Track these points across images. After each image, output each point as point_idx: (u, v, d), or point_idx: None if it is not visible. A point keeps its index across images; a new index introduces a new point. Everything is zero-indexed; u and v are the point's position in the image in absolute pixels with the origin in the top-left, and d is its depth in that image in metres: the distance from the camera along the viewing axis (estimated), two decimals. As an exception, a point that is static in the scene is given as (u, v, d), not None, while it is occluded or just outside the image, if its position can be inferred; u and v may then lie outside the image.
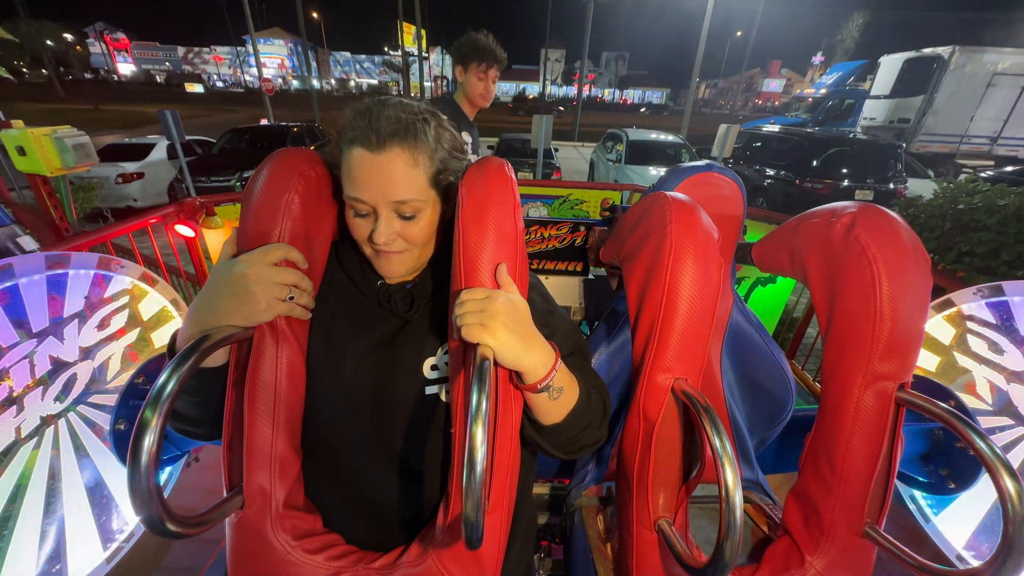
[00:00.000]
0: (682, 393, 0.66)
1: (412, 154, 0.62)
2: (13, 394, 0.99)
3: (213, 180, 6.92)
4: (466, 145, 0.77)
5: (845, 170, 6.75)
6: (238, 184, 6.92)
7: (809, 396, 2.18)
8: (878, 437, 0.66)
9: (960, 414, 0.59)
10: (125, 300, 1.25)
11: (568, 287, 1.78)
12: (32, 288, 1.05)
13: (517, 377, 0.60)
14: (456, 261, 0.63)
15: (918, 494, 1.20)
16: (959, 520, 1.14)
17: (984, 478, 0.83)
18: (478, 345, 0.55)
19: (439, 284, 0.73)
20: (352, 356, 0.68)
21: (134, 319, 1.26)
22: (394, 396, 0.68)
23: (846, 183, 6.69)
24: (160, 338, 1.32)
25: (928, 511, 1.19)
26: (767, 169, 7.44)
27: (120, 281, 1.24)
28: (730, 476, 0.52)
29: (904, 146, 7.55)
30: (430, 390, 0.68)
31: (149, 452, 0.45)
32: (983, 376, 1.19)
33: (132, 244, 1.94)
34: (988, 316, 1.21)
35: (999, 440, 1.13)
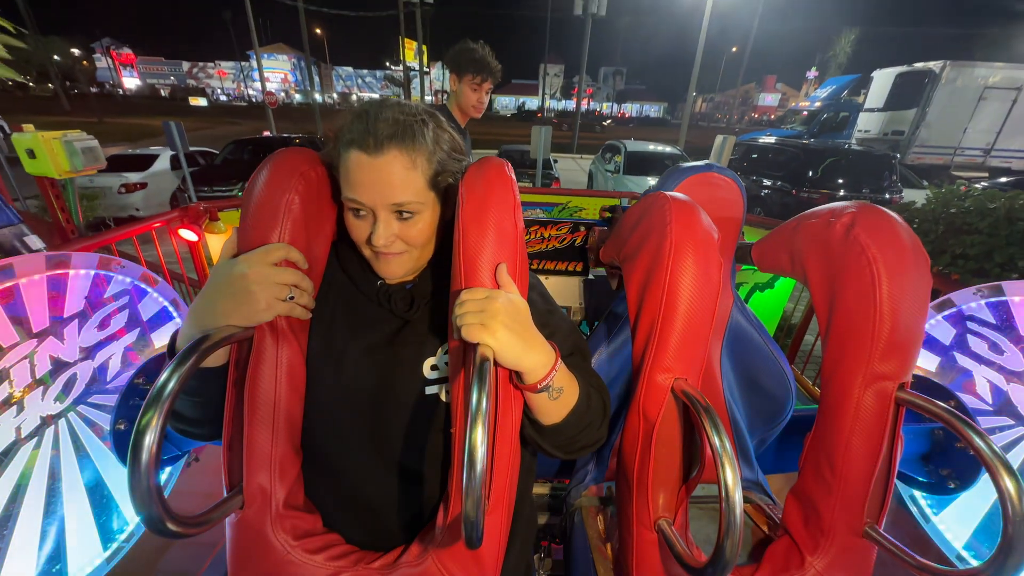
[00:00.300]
0: (682, 393, 0.66)
1: (410, 156, 0.62)
2: (13, 394, 0.99)
3: (215, 190, 7.01)
4: (468, 159, 0.77)
5: (841, 180, 6.84)
6: (240, 194, 6.99)
7: (809, 401, 2.18)
8: (878, 437, 0.65)
9: (960, 414, 0.59)
10: (125, 300, 1.25)
11: (568, 287, 1.78)
12: (32, 288, 1.05)
13: (517, 377, 0.60)
14: (456, 261, 0.62)
15: (918, 494, 1.20)
16: (959, 520, 1.14)
17: (984, 478, 0.84)
18: (478, 345, 0.55)
19: (439, 284, 0.73)
20: (352, 356, 0.68)
21: (134, 319, 1.26)
22: (394, 396, 0.68)
23: (842, 193, 6.78)
24: (160, 338, 1.32)
25: (928, 511, 1.19)
26: (764, 179, 7.53)
27: (120, 281, 1.24)
28: (730, 476, 0.52)
29: (898, 156, 7.66)
30: (430, 390, 0.68)
31: (149, 452, 0.45)
32: (983, 376, 1.19)
33: (137, 249, 1.95)
34: (988, 316, 1.21)
35: (999, 440, 1.13)
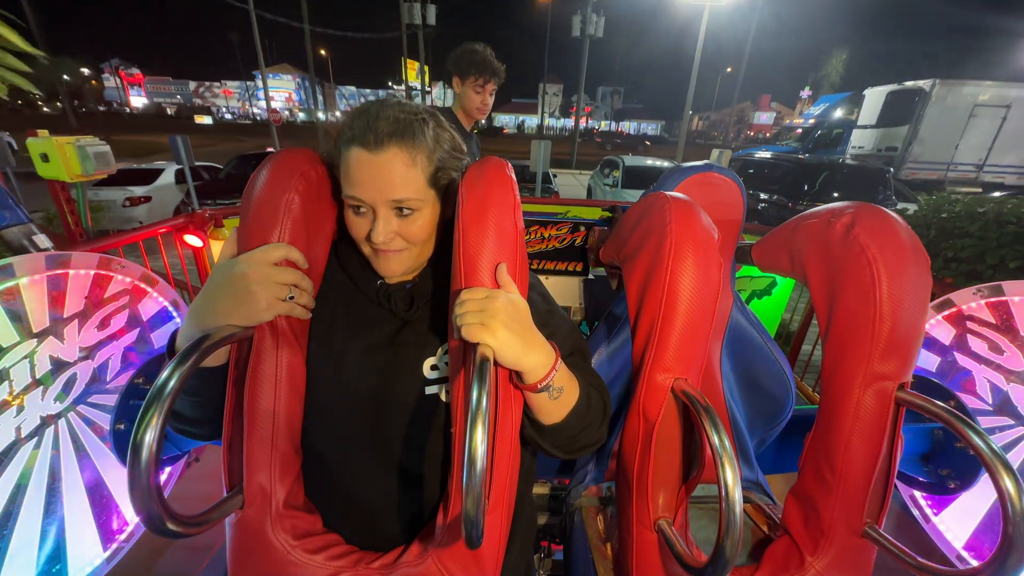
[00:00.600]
0: (682, 393, 0.66)
1: (410, 154, 0.62)
2: (13, 394, 0.99)
3: (219, 203, 7.14)
4: (468, 158, 0.76)
5: (836, 194, 6.93)
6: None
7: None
8: (878, 437, 0.65)
9: (960, 414, 0.59)
10: (125, 300, 1.25)
11: (568, 287, 1.78)
12: (33, 288, 1.05)
13: (517, 377, 0.60)
14: (456, 261, 0.63)
15: (918, 494, 1.20)
16: (959, 520, 1.14)
17: (984, 478, 0.84)
18: (478, 345, 0.55)
19: (439, 284, 0.73)
20: (352, 356, 0.68)
21: (134, 319, 1.26)
22: (394, 396, 0.68)
23: (838, 206, 6.95)
24: (160, 338, 1.32)
25: (928, 511, 1.19)
26: (760, 193, 7.61)
27: (120, 281, 1.24)
28: (730, 475, 0.52)
29: (892, 171, 7.77)
30: (430, 390, 0.68)
31: (149, 451, 0.45)
32: (983, 376, 1.19)
33: (143, 255, 1.96)
34: (988, 316, 1.21)
35: (999, 440, 1.12)
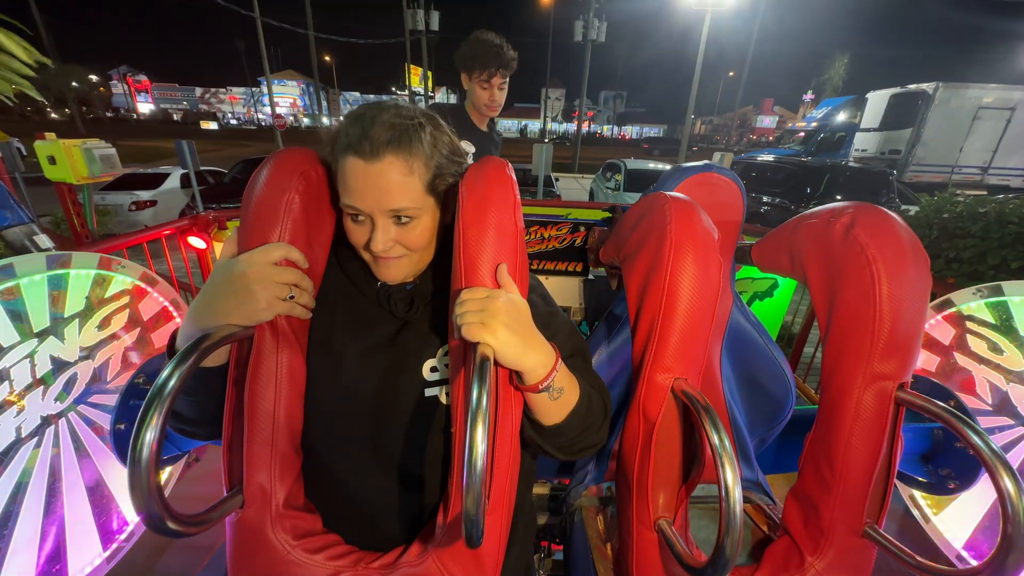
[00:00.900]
0: (682, 393, 0.66)
1: (407, 162, 0.61)
2: (14, 393, 0.99)
3: (224, 207, 7.22)
4: (467, 155, 0.75)
5: (839, 196, 6.94)
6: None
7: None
8: (878, 437, 0.65)
9: (959, 414, 0.59)
10: (125, 300, 1.25)
11: (568, 287, 1.78)
12: (33, 287, 1.05)
13: (518, 378, 0.60)
14: (456, 261, 0.62)
15: (918, 494, 1.20)
16: (959, 520, 1.14)
17: (984, 478, 0.83)
18: (478, 344, 0.55)
19: (439, 285, 0.72)
20: (352, 357, 0.68)
21: (134, 319, 1.26)
22: (394, 398, 0.68)
23: (841, 209, 6.98)
24: (160, 338, 1.32)
25: (928, 511, 1.19)
26: (763, 196, 7.62)
27: (120, 281, 1.24)
28: (730, 475, 0.52)
29: (895, 174, 7.76)
30: (430, 392, 0.68)
31: (150, 451, 0.45)
32: (983, 376, 1.19)
33: (148, 257, 1.96)
34: (988, 316, 1.21)
35: (999, 440, 1.13)
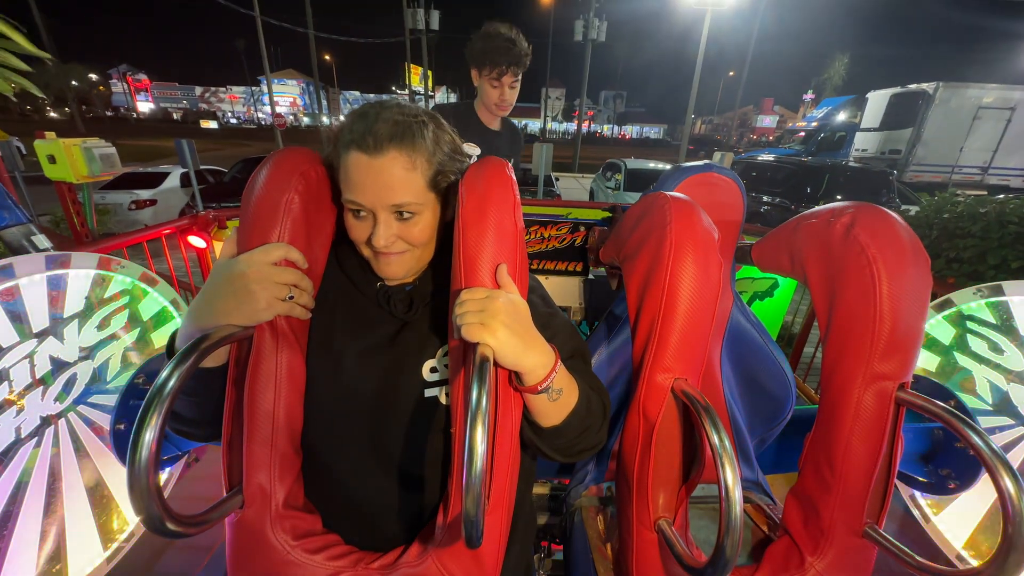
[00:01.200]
0: (682, 393, 0.66)
1: (409, 157, 0.62)
2: (14, 393, 0.99)
3: (224, 206, 7.25)
4: (470, 158, 0.74)
5: (839, 196, 6.94)
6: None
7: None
8: (878, 437, 0.65)
9: (960, 414, 0.59)
10: (125, 300, 1.25)
11: (568, 287, 1.78)
12: (33, 288, 1.05)
13: (517, 378, 0.60)
14: (456, 261, 0.62)
15: (918, 494, 1.20)
16: (959, 520, 1.14)
17: (984, 478, 0.83)
18: (478, 344, 0.55)
19: (439, 286, 0.73)
20: (351, 357, 0.68)
21: (134, 319, 1.26)
22: (393, 399, 0.68)
23: (842, 209, 7.00)
24: (160, 338, 1.32)
25: (928, 511, 1.19)
26: (763, 196, 7.62)
27: (120, 281, 1.24)
28: (730, 475, 0.52)
29: (895, 174, 7.76)
30: (429, 392, 0.68)
31: (149, 451, 0.45)
32: (983, 376, 1.19)
33: (148, 256, 1.97)
34: (988, 316, 1.21)
35: (999, 440, 1.13)
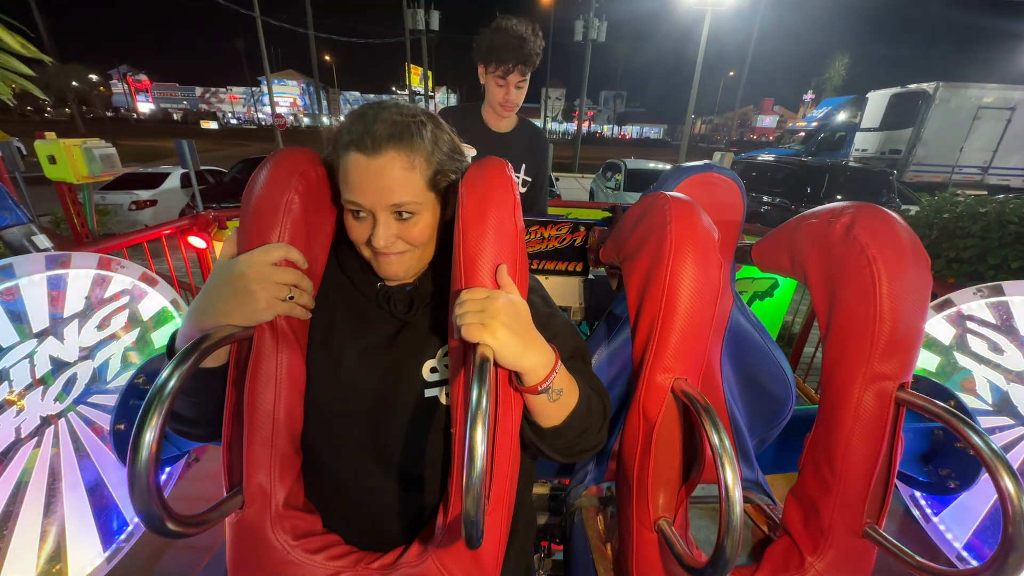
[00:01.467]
0: (682, 393, 0.66)
1: (408, 157, 0.62)
2: (14, 393, 0.99)
3: (224, 207, 7.27)
4: (468, 160, 0.73)
5: (839, 196, 6.95)
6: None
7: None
8: (878, 437, 0.65)
9: (960, 414, 0.59)
10: (125, 300, 1.25)
11: (568, 287, 1.78)
12: (33, 288, 1.05)
13: (517, 379, 0.60)
14: (456, 261, 0.62)
15: (918, 494, 1.20)
16: (959, 520, 1.14)
17: (984, 478, 0.84)
18: (478, 345, 0.55)
19: (439, 286, 0.73)
20: (352, 357, 0.68)
21: (134, 319, 1.26)
22: (394, 399, 0.68)
23: (842, 209, 7.03)
24: (160, 338, 1.32)
25: (928, 511, 1.19)
26: (763, 196, 7.62)
27: (120, 281, 1.24)
28: (730, 475, 0.52)
29: (895, 174, 7.77)
30: (429, 393, 0.68)
31: (149, 451, 0.45)
32: (983, 376, 1.19)
33: (148, 257, 1.97)
34: (988, 316, 1.21)
35: (999, 440, 1.13)
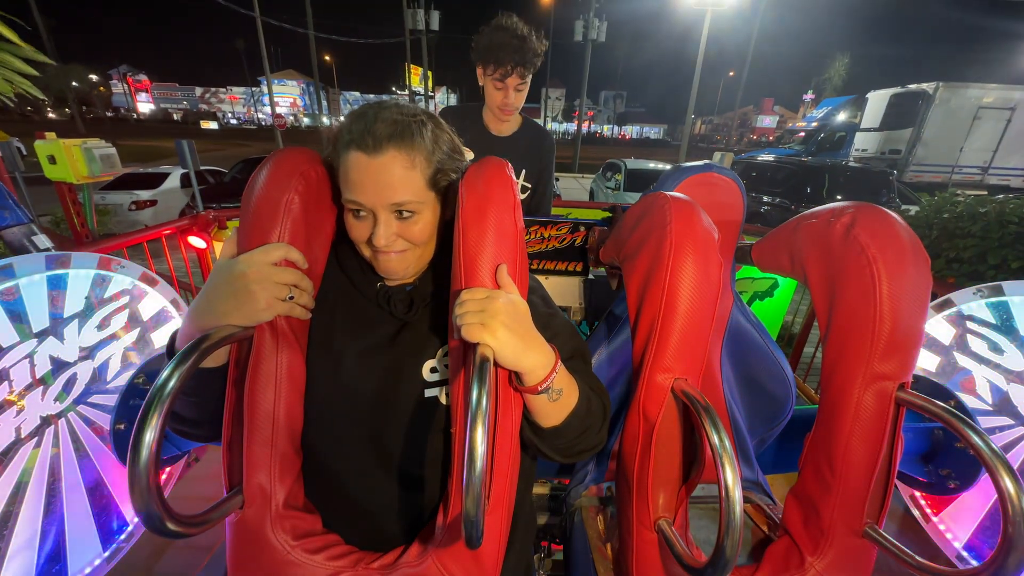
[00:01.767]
0: (682, 393, 0.66)
1: (409, 156, 0.62)
2: (14, 393, 0.99)
3: (224, 207, 7.27)
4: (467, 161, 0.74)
5: (839, 196, 6.95)
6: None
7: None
8: (878, 437, 0.65)
9: (959, 414, 0.59)
10: (125, 300, 1.25)
11: (568, 287, 1.78)
12: (33, 288, 1.05)
13: (517, 379, 0.60)
14: (456, 261, 0.62)
15: (918, 494, 1.20)
16: (959, 520, 1.14)
17: (984, 478, 0.84)
18: (478, 345, 0.55)
19: (439, 286, 0.73)
20: (352, 357, 0.68)
21: (134, 319, 1.26)
22: (393, 399, 0.68)
23: (842, 209, 7.05)
24: (160, 338, 1.32)
25: (928, 511, 1.19)
26: (763, 196, 7.62)
27: (120, 281, 1.24)
28: (730, 474, 0.52)
29: (895, 174, 7.78)
30: (429, 392, 0.68)
31: (149, 451, 0.45)
32: (983, 376, 1.19)
33: (148, 257, 1.97)
34: (988, 316, 1.21)
35: (999, 440, 1.13)
